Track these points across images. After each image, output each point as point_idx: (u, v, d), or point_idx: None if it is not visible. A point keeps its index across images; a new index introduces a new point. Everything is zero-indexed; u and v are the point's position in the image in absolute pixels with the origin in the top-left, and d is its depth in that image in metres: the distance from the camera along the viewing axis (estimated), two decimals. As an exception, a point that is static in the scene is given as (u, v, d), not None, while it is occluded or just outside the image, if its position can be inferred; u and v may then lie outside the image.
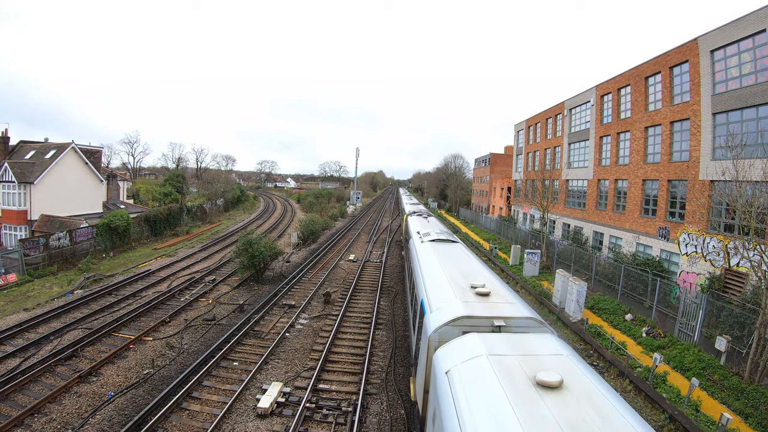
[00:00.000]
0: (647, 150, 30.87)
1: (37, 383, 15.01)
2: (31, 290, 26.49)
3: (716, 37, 23.91)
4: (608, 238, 34.69)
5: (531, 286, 29.38)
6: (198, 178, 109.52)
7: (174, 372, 16.13)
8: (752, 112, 21.88)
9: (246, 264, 28.22)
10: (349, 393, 14.85)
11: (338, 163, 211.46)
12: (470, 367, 7.10)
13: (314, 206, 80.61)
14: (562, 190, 43.99)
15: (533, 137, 55.85)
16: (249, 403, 13.92)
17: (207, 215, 64.53)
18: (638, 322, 22.02)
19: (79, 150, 43.24)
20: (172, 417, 13.06)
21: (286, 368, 16.63)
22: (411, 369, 11.19)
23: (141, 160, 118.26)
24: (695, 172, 25.16)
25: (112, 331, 19.53)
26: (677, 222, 26.71)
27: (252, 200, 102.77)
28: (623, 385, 16.20)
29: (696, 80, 25.50)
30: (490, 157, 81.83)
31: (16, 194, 38.12)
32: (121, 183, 59.33)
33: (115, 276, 29.78)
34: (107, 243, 37.84)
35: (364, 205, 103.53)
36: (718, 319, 18.95)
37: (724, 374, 15.90)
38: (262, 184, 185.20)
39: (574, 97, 43.18)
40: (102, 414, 13.23)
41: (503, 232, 52.66)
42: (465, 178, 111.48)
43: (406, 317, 19.92)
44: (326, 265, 34.48)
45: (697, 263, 24.21)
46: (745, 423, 13.31)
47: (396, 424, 13.15)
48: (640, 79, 31.61)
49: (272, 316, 22.21)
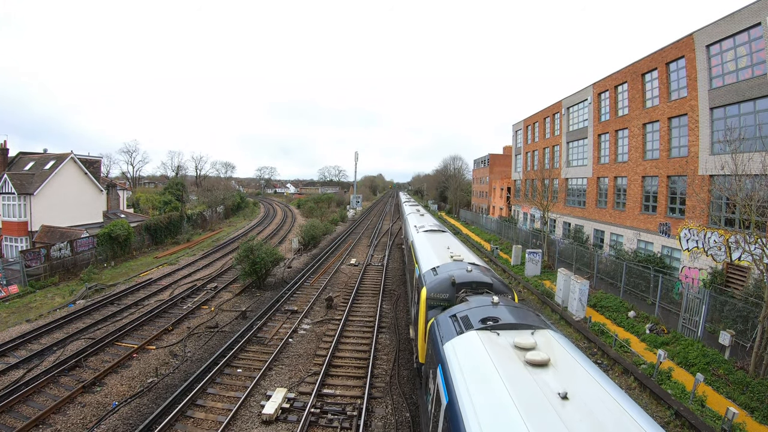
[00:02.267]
0: (646, 146, 30.89)
1: (41, 394, 15.00)
2: (33, 301, 26.48)
3: (711, 31, 23.96)
4: (609, 236, 34.67)
5: (533, 285, 29.35)
6: (197, 186, 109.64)
7: (178, 380, 16.11)
8: (750, 106, 21.91)
9: (248, 270, 28.20)
10: (353, 397, 14.81)
11: (337, 168, 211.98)
12: (445, 315, 10.03)
13: (314, 211, 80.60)
14: (561, 189, 44.00)
15: (531, 137, 55.90)
16: (254, 410, 13.89)
17: (207, 223, 64.54)
18: (641, 319, 21.98)
19: (78, 160, 43.28)
20: (177, 425, 13.02)
21: (290, 374, 16.60)
22: (413, 335, 14.90)
23: (140, 169, 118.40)
24: (694, 168, 25.17)
25: (115, 341, 19.52)
26: (678, 218, 26.69)
27: (252, 207, 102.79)
28: (628, 382, 16.16)
29: (693, 75, 25.54)
30: (489, 158, 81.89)
31: (16, 206, 38.14)
32: (120, 192, 59.36)
33: (116, 285, 29.77)
34: (108, 252, 37.85)
35: (365, 209, 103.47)
36: (721, 314, 18.93)
37: (728, 369, 15.86)
38: (261, 191, 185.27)
39: (571, 95, 43.24)
40: (107, 424, 13.21)
41: (504, 233, 52.64)
42: (464, 179, 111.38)
43: (407, 293, 23.78)
44: (328, 269, 34.47)
45: (698, 258, 24.18)
46: (751, 417, 13.26)
47: (401, 427, 13.10)
48: (636, 76, 31.65)
49: (275, 322, 22.19)
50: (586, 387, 6.18)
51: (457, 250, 17.41)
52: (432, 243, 19.68)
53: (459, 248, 18.51)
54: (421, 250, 18.69)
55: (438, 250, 17.67)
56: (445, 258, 15.65)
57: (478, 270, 13.42)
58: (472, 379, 6.56)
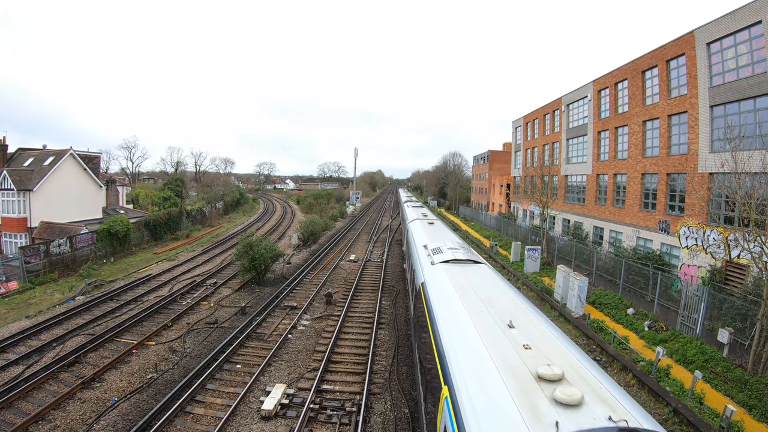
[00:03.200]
0: (646, 144, 30.86)
1: (41, 390, 15.03)
2: (33, 297, 26.49)
3: (712, 29, 23.90)
4: (608, 233, 34.69)
5: (532, 282, 29.38)
6: (197, 182, 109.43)
7: (177, 376, 16.14)
8: (750, 104, 21.88)
9: (247, 266, 28.24)
10: (352, 393, 14.85)
11: (337, 164, 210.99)
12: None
13: (314, 207, 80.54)
14: (561, 185, 43.99)
15: (531, 133, 55.83)
16: (253, 406, 13.93)
17: (207, 219, 64.51)
18: (640, 316, 22.02)
19: (78, 156, 43.20)
20: (176, 421, 13.07)
21: (290, 370, 16.64)
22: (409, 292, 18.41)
23: (140, 165, 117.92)
24: (694, 165, 25.16)
25: (115, 337, 19.54)
26: (677, 215, 26.70)
27: (251, 203, 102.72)
28: (627, 379, 16.21)
29: (693, 73, 25.49)
30: (488, 155, 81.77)
31: (15, 202, 38.09)
32: (120, 188, 59.36)
33: (116, 281, 29.79)
34: (108, 248, 37.84)
35: (364, 205, 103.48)
36: (720, 312, 18.95)
37: (727, 366, 15.90)
38: (261, 187, 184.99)
39: (571, 92, 43.16)
40: (106, 419, 13.24)
41: (503, 229, 52.64)
42: (464, 175, 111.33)
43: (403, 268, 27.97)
44: (327, 265, 34.49)
45: (697, 256, 24.20)
46: (749, 414, 13.30)
47: (400, 423, 13.15)
48: (637, 73, 31.59)
49: (274, 318, 22.22)
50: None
51: (448, 239, 19.38)
52: (425, 231, 23.34)
53: (449, 235, 22.11)
54: (416, 238, 21.80)
55: (431, 236, 21.06)
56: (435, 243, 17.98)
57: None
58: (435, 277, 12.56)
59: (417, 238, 21.25)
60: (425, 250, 17.06)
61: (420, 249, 18.02)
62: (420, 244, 18.92)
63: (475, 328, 8.37)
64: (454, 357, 7.63)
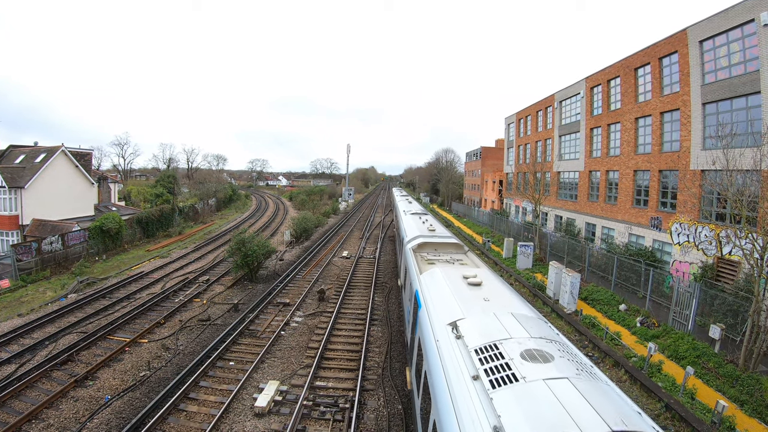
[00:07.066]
0: (638, 141, 31.04)
1: (34, 389, 14.91)
2: (25, 295, 26.26)
3: (705, 27, 24.04)
4: (600, 229, 34.90)
5: (525, 278, 29.51)
6: (189, 179, 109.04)
7: (170, 373, 16.08)
8: (742, 102, 22.05)
9: (239, 263, 28.14)
10: (346, 389, 14.86)
11: (330, 160, 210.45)
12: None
13: (306, 204, 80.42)
14: (553, 182, 44.16)
15: (524, 130, 55.95)
16: (246, 403, 13.91)
17: (199, 215, 64.15)
18: (632, 312, 22.20)
19: (70, 153, 42.85)
20: (170, 419, 13.02)
21: (283, 366, 16.62)
22: (401, 287, 19.95)
23: (132, 161, 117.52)
24: (686, 162, 25.34)
25: (108, 335, 19.42)
26: (669, 212, 26.90)
27: (244, 199, 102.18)
28: (619, 375, 16.33)
29: (685, 71, 25.64)
30: (481, 151, 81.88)
31: (7, 199, 37.72)
32: (112, 185, 58.86)
33: (108, 279, 29.58)
34: (100, 246, 37.57)
35: (357, 202, 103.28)
36: (711, 308, 19.14)
37: (718, 362, 16.07)
38: (254, 183, 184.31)
39: (564, 89, 43.28)
40: (100, 418, 13.17)
41: (496, 226, 52.84)
42: (457, 172, 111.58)
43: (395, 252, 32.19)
44: (320, 262, 34.44)
45: (689, 252, 24.41)
46: (741, 410, 13.46)
47: (393, 419, 13.19)
48: (629, 71, 31.73)
49: (267, 315, 22.17)
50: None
51: (435, 225, 24.70)
52: (414, 220, 27.32)
53: (436, 224, 25.83)
54: (405, 224, 26.15)
55: (418, 225, 24.95)
56: (423, 229, 23.07)
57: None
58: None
59: (402, 208, 33.84)
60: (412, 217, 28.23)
61: (408, 218, 28.50)
62: (408, 212, 30.84)
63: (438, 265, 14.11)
64: (424, 281, 12.55)
